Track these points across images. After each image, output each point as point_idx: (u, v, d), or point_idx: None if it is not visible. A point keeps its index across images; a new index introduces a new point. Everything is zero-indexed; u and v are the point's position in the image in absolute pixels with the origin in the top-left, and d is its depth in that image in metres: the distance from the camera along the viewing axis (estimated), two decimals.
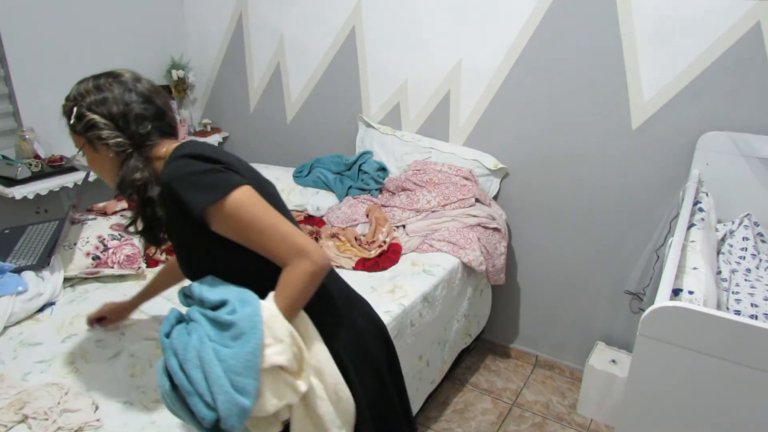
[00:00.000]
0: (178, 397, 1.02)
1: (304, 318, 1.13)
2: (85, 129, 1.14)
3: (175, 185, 1.04)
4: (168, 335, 1.07)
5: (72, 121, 1.14)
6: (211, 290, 1.06)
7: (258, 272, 1.09)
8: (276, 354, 1.01)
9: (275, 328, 1.02)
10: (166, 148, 1.17)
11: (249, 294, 1.05)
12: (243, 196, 1.04)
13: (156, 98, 1.19)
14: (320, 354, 1.13)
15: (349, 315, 1.26)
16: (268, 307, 1.04)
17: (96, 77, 1.17)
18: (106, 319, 1.60)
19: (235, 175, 1.07)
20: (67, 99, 1.17)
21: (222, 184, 1.04)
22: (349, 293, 1.31)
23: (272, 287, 1.07)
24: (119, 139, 1.14)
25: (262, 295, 1.07)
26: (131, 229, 1.20)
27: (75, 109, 1.14)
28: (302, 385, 1.06)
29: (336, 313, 1.23)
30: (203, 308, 1.07)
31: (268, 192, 1.15)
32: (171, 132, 1.21)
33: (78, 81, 1.18)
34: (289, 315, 1.06)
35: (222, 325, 1.01)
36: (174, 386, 1.03)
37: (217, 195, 1.03)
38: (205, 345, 0.99)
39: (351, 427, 1.19)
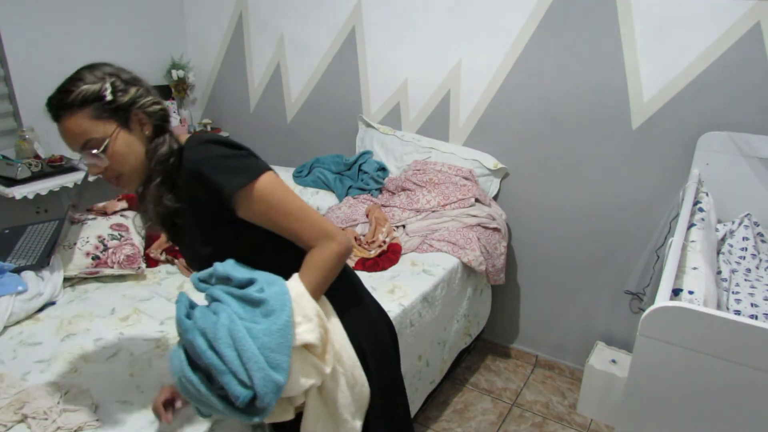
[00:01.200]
0: (201, 381, 0.98)
1: (324, 300, 1.13)
2: (132, 101, 1.07)
3: (204, 169, 1.04)
4: (188, 317, 1.04)
5: (110, 98, 1.04)
6: (237, 269, 1.05)
7: (271, 264, 1.10)
8: (306, 332, 1.00)
9: (304, 307, 1.02)
10: (178, 134, 1.16)
11: (273, 275, 1.05)
12: (271, 181, 1.06)
13: None
14: (339, 336, 1.13)
15: (363, 300, 1.28)
16: (296, 286, 1.04)
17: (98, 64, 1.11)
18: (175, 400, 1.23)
19: (260, 161, 1.09)
20: (82, 81, 1.04)
21: (251, 168, 1.05)
22: (359, 281, 1.33)
23: (285, 277, 1.07)
24: (162, 105, 1.12)
25: None
26: (148, 208, 1.12)
27: (112, 84, 1.05)
28: (326, 367, 1.06)
29: (353, 297, 1.25)
30: (228, 287, 1.05)
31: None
32: None
33: (83, 67, 1.08)
34: (315, 296, 1.07)
35: (252, 303, 1.00)
36: (194, 370, 0.99)
37: (248, 178, 1.04)
38: (236, 323, 0.97)
39: (363, 414, 1.18)
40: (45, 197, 2.40)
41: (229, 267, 1.05)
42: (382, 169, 2.65)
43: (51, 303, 1.76)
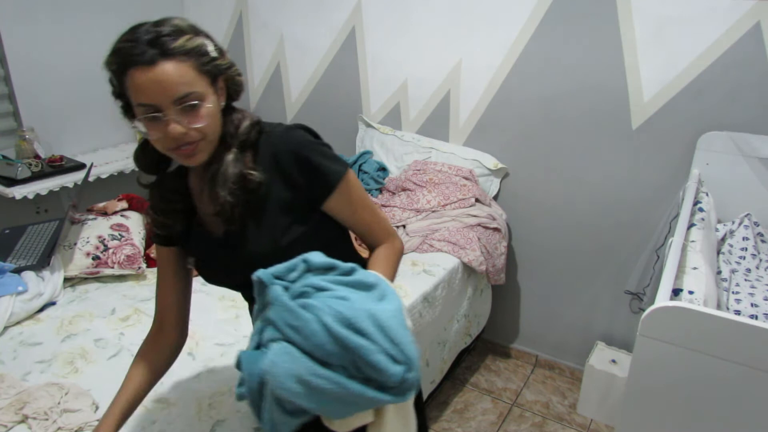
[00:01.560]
0: (339, 373, 0.88)
1: None
2: (228, 66, 0.99)
3: (307, 153, 1.01)
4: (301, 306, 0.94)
5: (215, 55, 0.95)
6: (332, 259, 0.99)
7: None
8: (407, 318, 0.99)
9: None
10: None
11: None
12: (354, 175, 1.08)
13: None
14: None
15: None
16: (382, 278, 1.02)
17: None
18: None
19: None
20: (181, 30, 0.93)
21: (341, 159, 1.06)
22: None
23: None
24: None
25: None
26: (223, 185, 0.98)
27: (210, 42, 0.96)
28: None
29: None
30: (330, 276, 0.98)
31: None
32: None
33: (171, 17, 0.96)
34: None
35: (365, 288, 0.96)
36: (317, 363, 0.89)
37: (344, 168, 1.04)
38: (369, 303, 0.92)
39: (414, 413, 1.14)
40: (45, 197, 2.40)
41: (324, 257, 0.99)
42: (382, 169, 2.65)
43: (51, 303, 1.76)
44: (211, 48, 0.95)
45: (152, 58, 0.88)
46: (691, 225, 1.63)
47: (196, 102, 0.91)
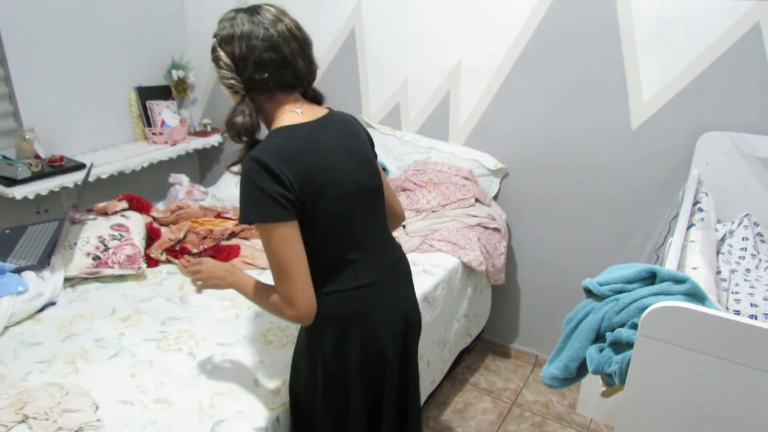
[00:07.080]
0: None
1: None
2: (215, 64, 1.23)
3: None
4: None
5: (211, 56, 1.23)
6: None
7: None
8: None
9: None
10: (280, 106, 1.22)
11: None
12: (267, 229, 1.23)
13: (284, 46, 1.17)
14: None
15: None
16: None
17: (238, 10, 1.21)
18: None
19: None
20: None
21: (258, 208, 1.23)
22: None
23: None
24: (233, 81, 1.19)
25: None
26: (234, 169, 1.21)
27: (213, 41, 1.24)
28: None
29: None
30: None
31: None
32: (292, 85, 1.22)
33: (228, 10, 1.24)
34: None
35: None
36: None
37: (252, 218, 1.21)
38: None
39: None
40: (45, 197, 2.40)
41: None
42: (382, 169, 2.64)
43: (51, 303, 1.76)
44: (211, 46, 1.27)
45: None
46: (690, 225, 1.63)
47: None
